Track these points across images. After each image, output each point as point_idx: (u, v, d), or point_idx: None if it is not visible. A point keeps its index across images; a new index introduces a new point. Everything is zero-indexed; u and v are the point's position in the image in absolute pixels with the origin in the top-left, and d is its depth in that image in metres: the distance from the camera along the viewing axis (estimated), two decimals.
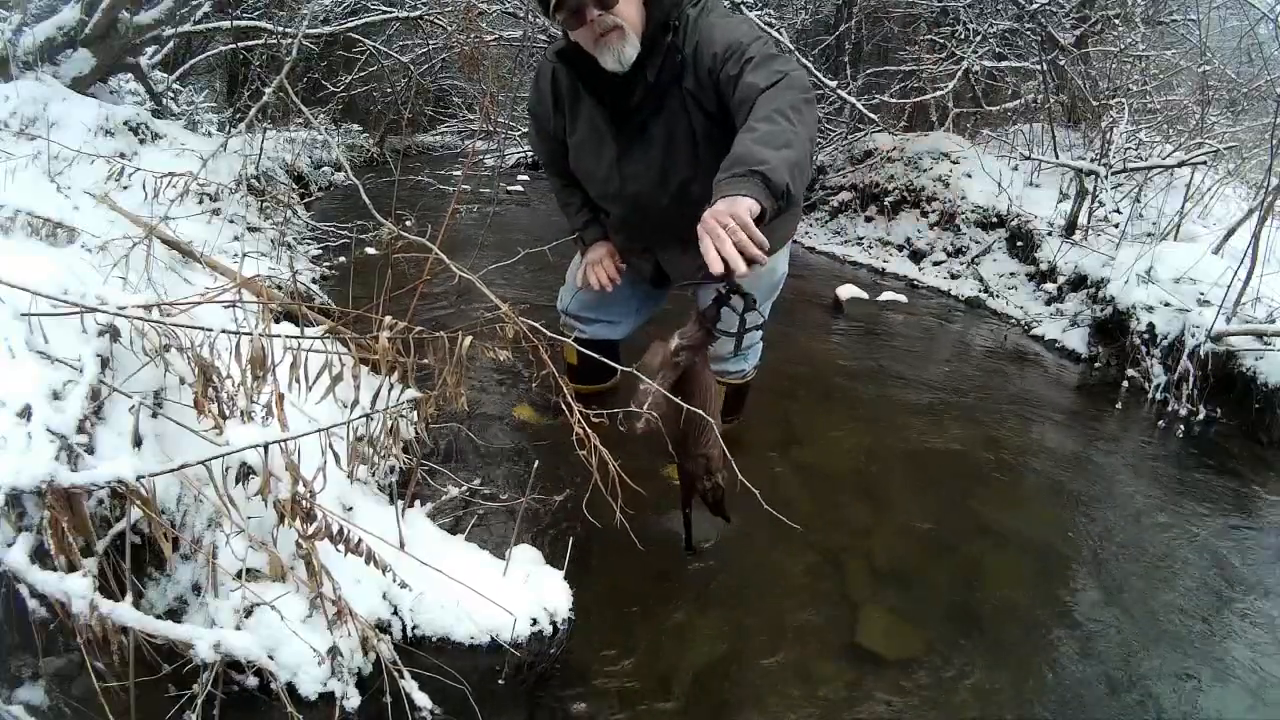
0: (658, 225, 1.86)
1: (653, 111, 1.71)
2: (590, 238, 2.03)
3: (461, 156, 8.62)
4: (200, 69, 6.80)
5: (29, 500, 1.12)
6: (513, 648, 1.40)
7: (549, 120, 1.90)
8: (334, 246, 3.97)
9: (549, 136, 1.94)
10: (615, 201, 1.88)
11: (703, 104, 1.67)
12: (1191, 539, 2.19)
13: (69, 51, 3.71)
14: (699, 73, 1.64)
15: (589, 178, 1.89)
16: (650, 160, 1.76)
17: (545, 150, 2.00)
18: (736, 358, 2.14)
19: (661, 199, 1.80)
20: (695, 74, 1.65)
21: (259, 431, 1.28)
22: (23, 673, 1.18)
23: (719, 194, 1.30)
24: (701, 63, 1.62)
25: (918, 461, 2.48)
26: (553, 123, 1.89)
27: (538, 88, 1.89)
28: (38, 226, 2.11)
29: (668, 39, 1.64)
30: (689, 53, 1.64)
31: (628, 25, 1.62)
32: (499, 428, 2.42)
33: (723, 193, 1.30)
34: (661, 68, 1.65)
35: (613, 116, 1.75)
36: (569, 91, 1.82)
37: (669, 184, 1.78)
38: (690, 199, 1.72)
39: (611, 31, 1.61)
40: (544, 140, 1.97)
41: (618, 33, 1.61)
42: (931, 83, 5.82)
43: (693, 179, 1.74)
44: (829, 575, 1.89)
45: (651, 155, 1.75)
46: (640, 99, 1.69)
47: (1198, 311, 3.13)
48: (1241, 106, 5.17)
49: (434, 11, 6.01)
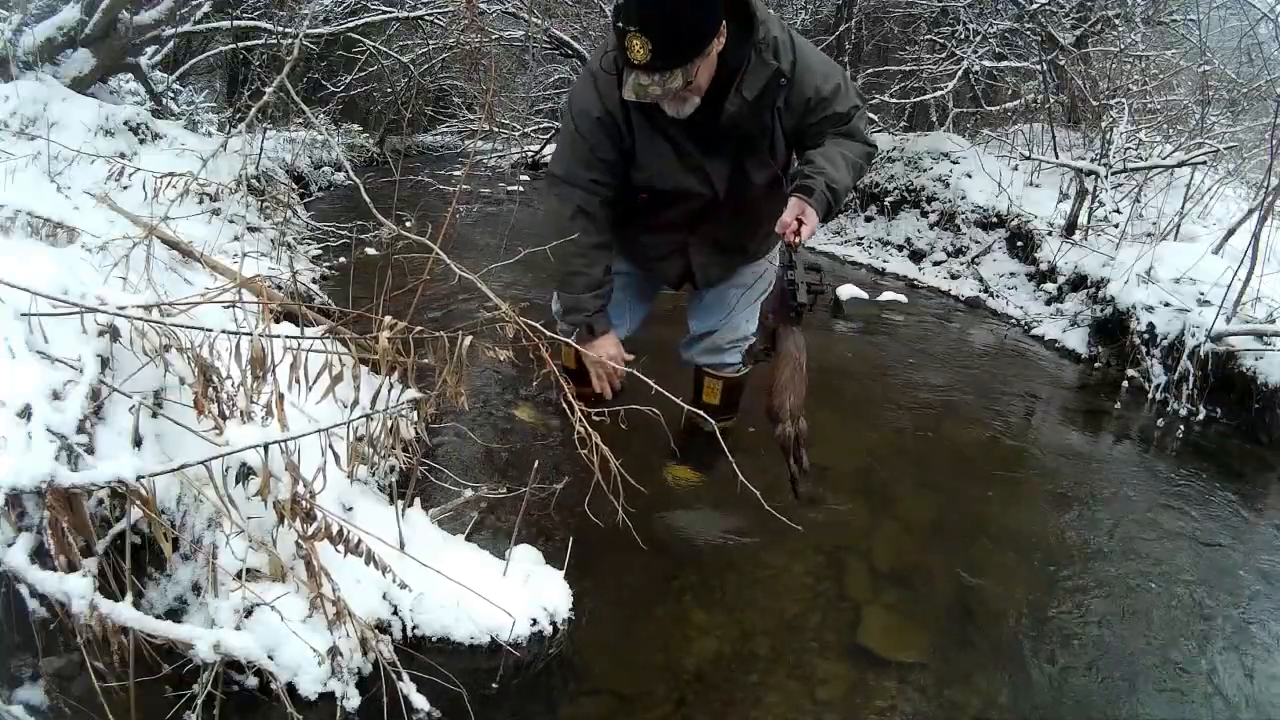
0: (712, 226, 1.89)
1: (746, 122, 1.71)
2: (600, 326, 1.90)
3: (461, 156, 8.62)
4: (200, 69, 6.81)
5: (29, 500, 1.12)
6: (513, 648, 1.40)
7: (615, 127, 1.76)
8: (334, 246, 3.96)
9: (606, 145, 1.78)
10: (681, 199, 1.85)
11: (782, 121, 1.74)
12: (1191, 539, 2.19)
13: (69, 51, 3.71)
14: (794, 94, 1.71)
15: (661, 176, 1.81)
16: (731, 164, 1.78)
17: (592, 158, 1.80)
18: (733, 350, 2.17)
19: (727, 201, 1.83)
20: (794, 93, 1.70)
21: (259, 431, 1.28)
22: (23, 673, 1.18)
23: (801, 195, 1.63)
24: (801, 90, 1.70)
25: (918, 461, 2.48)
26: (620, 129, 1.76)
27: (599, 93, 1.74)
28: (38, 226, 2.11)
29: (768, 59, 1.65)
30: (787, 69, 1.68)
31: (699, 90, 1.64)
32: (499, 427, 2.42)
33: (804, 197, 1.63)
34: (764, 90, 1.67)
35: (695, 131, 1.73)
36: (636, 108, 1.72)
37: (738, 189, 1.81)
38: (749, 204, 1.87)
39: (684, 99, 1.63)
40: (597, 146, 1.78)
41: (689, 98, 1.64)
42: (931, 83, 5.83)
43: (757, 185, 1.81)
44: (829, 575, 1.89)
45: (735, 160, 1.78)
46: (736, 112, 1.68)
47: (1198, 311, 3.13)
48: (1241, 106, 5.16)
49: (434, 12, 6.01)
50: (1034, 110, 5.75)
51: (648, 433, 1.67)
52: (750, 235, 2.01)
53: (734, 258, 2.05)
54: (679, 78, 1.54)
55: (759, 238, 2.03)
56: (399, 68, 7.17)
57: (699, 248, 1.97)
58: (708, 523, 2.02)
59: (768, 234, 2.03)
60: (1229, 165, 4.63)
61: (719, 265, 2.04)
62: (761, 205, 1.90)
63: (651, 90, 1.55)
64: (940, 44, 6.02)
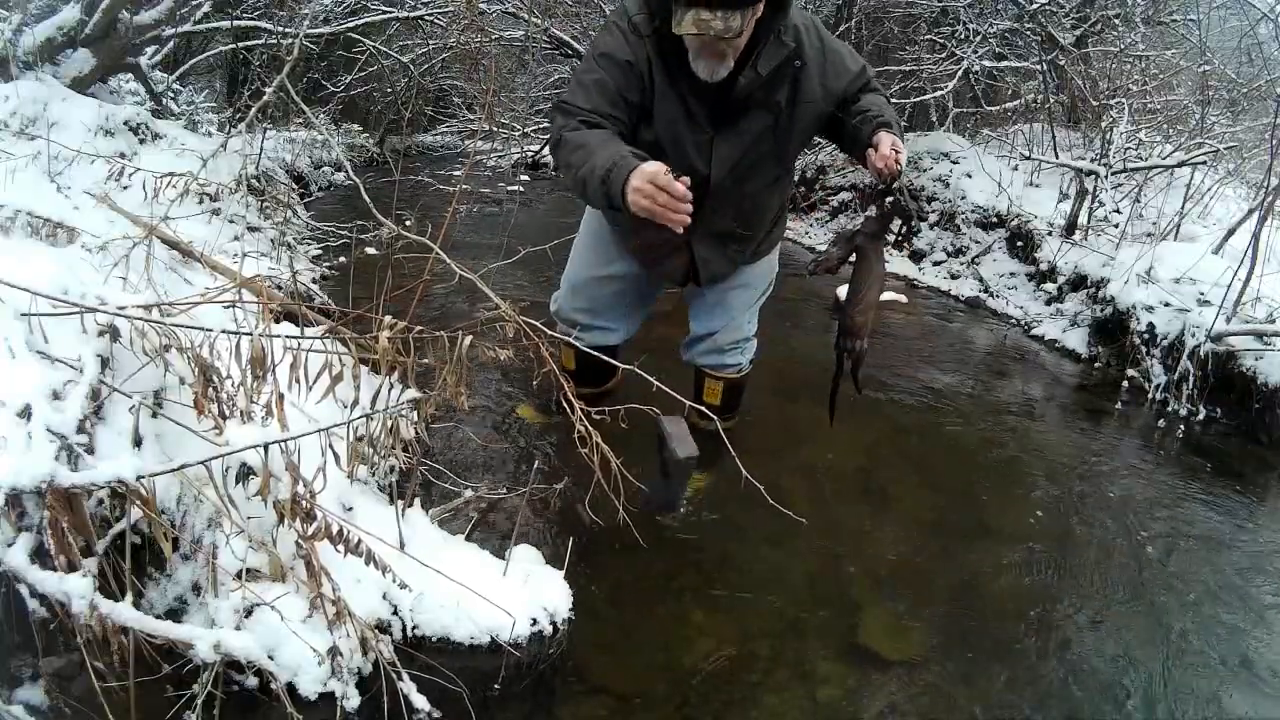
0: (715, 214, 1.86)
1: (757, 101, 1.75)
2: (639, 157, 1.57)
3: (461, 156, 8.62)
4: (200, 69, 6.81)
5: (29, 500, 1.12)
6: (513, 648, 1.40)
7: (638, 77, 1.72)
8: (334, 246, 3.96)
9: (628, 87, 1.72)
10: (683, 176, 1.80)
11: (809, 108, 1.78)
12: (1191, 539, 2.19)
13: (69, 51, 3.71)
14: (827, 83, 1.78)
15: (668, 140, 1.78)
16: (739, 145, 1.79)
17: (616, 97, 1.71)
18: (734, 351, 2.17)
19: (731, 184, 1.83)
20: (820, 83, 1.77)
21: (259, 431, 1.28)
22: (23, 673, 1.18)
23: (883, 128, 1.69)
24: (835, 78, 1.79)
25: (918, 461, 2.48)
26: (643, 80, 1.72)
27: (627, 42, 1.71)
28: (38, 226, 2.11)
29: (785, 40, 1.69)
30: (810, 57, 1.74)
31: (736, 50, 1.65)
32: (499, 427, 2.42)
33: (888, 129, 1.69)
34: (777, 69, 1.70)
35: (709, 99, 1.75)
36: (659, 68, 1.73)
37: (744, 171, 1.82)
38: (752, 194, 1.89)
39: (724, 54, 1.64)
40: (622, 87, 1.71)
41: (728, 55, 1.65)
42: (931, 83, 5.82)
43: (762, 169, 1.84)
44: (829, 575, 1.89)
45: (743, 142, 1.79)
46: (748, 87, 1.71)
47: (1198, 311, 3.13)
48: (1241, 106, 5.16)
49: (434, 12, 6.01)
50: (1034, 110, 5.75)
51: (648, 432, 1.67)
52: (753, 227, 1.99)
53: (737, 252, 2.03)
54: (738, 19, 1.57)
55: (762, 232, 2.02)
56: (399, 68, 7.16)
57: (701, 238, 1.94)
58: (708, 523, 2.02)
59: (771, 227, 2.05)
60: (1229, 165, 4.62)
61: (722, 259, 2.02)
62: (764, 197, 1.91)
63: (714, 25, 1.56)
64: (940, 44, 6.01)
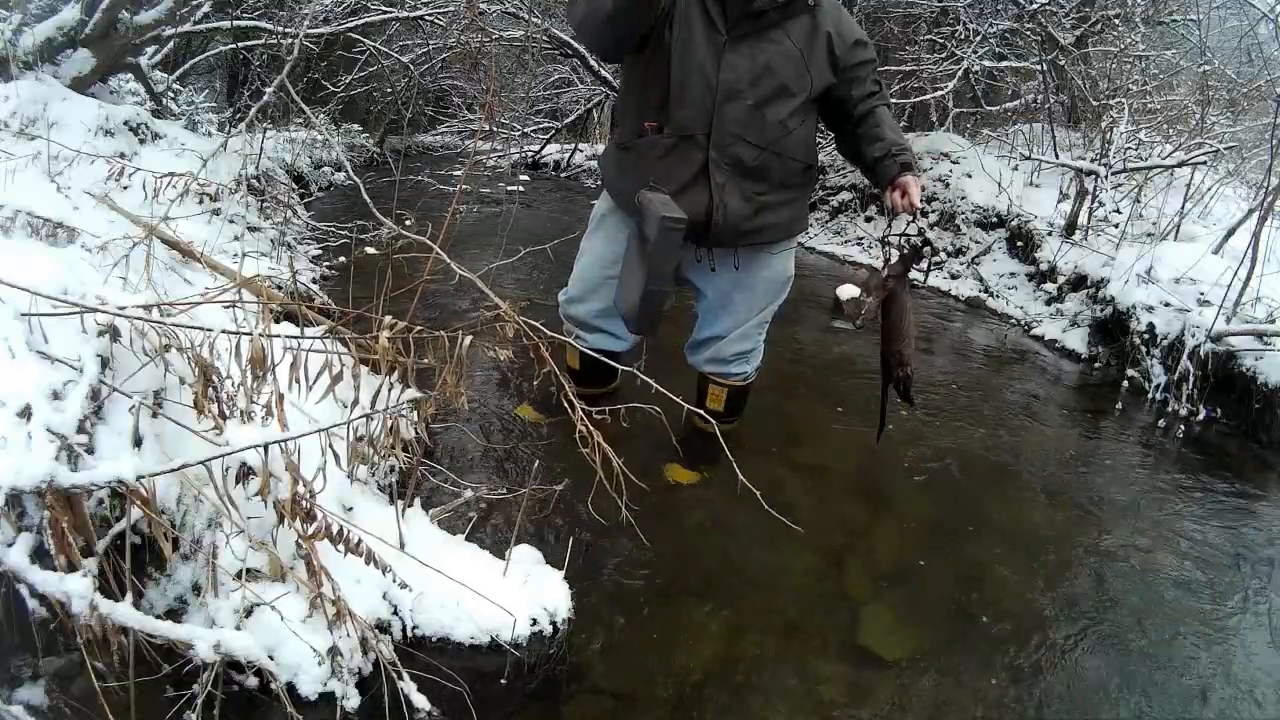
0: (726, 130, 1.80)
1: (772, 21, 1.77)
2: None
3: (461, 156, 8.62)
4: (200, 69, 6.80)
5: (29, 500, 1.12)
6: (513, 648, 1.40)
7: None
8: (334, 246, 3.96)
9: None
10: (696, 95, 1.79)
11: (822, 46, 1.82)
12: (1191, 539, 2.19)
13: (69, 51, 3.70)
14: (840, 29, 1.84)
15: (684, 49, 1.77)
16: (751, 58, 1.78)
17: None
18: (738, 361, 2.14)
19: (748, 97, 1.79)
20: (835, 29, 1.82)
21: (259, 431, 1.28)
22: (23, 673, 1.18)
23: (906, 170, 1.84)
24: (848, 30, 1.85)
25: (918, 461, 2.48)
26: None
27: None
28: (38, 226, 2.11)
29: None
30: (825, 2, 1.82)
31: None
32: (499, 427, 2.42)
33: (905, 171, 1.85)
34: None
35: (730, 9, 1.76)
36: None
37: (761, 92, 1.80)
38: (772, 114, 1.82)
39: None
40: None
41: None
42: (931, 83, 5.82)
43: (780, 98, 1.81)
44: (829, 575, 1.89)
45: (755, 57, 1.78)
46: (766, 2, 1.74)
47: (1198, 311, 3.13)
48: (1241, 106, 5.16)
49: (434, 12, 6.01)
50: (1034, 110, 5.75)
51: (648, 432, 1.67)
52: (776, 169, 1.89)
53: (756, 194, 1.89)
54: None
55: (780, 177, 1.91)
56: (399, 68, 7.15)
57: (719, 166, 1.83)
58: (708, 523, 2.02)
59: (791, 191, 1.96)
60: (1229, 165, 4.63)
61: (740, 198, 1.86)
62: (784, 131, 1.84)
63: None
64: (940, 44, 6.01)
